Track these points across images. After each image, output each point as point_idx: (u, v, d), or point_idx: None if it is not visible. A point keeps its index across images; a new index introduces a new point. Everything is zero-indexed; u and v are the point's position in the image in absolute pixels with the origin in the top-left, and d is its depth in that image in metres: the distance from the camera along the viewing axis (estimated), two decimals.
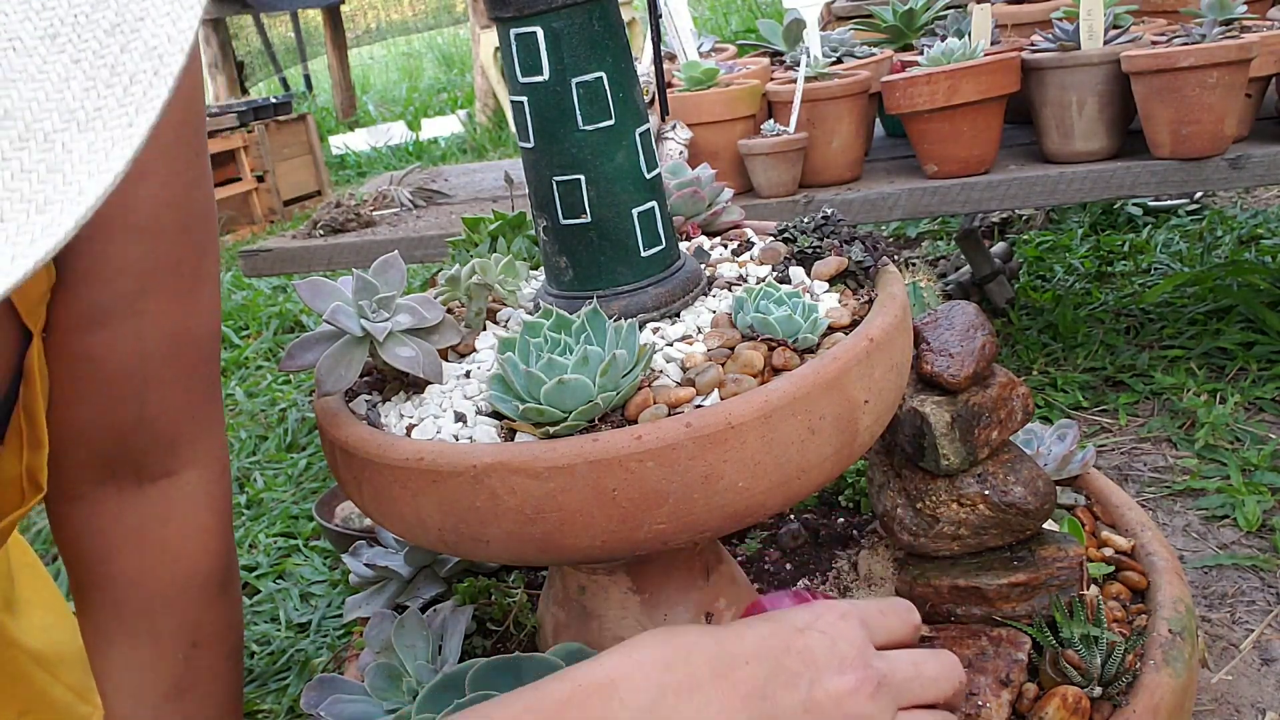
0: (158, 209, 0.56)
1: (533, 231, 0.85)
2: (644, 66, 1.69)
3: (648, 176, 0.73)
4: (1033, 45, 1.76)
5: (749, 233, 0.91)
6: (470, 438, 0.66)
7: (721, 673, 0.55)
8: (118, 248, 0.55)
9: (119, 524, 0.61)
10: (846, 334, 0.70)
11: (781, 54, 2.08)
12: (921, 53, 1.78)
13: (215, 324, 0.61)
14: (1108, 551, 0.91)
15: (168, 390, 0.60)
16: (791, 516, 1.05)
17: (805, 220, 0.84)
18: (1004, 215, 2.74)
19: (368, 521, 1.61)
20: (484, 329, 0.79)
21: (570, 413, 0.63)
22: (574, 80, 0.68)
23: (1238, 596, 1.32)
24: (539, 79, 0.69)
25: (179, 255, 0.58)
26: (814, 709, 0.56)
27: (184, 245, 0.58)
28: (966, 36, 1.85)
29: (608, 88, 0.69)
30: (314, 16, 7.64)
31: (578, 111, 0.69)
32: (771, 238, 0.86)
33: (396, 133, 5.87)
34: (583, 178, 0.70)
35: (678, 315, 0.75)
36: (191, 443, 0.63)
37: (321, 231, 2.02)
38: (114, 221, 0.54)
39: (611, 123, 0.70)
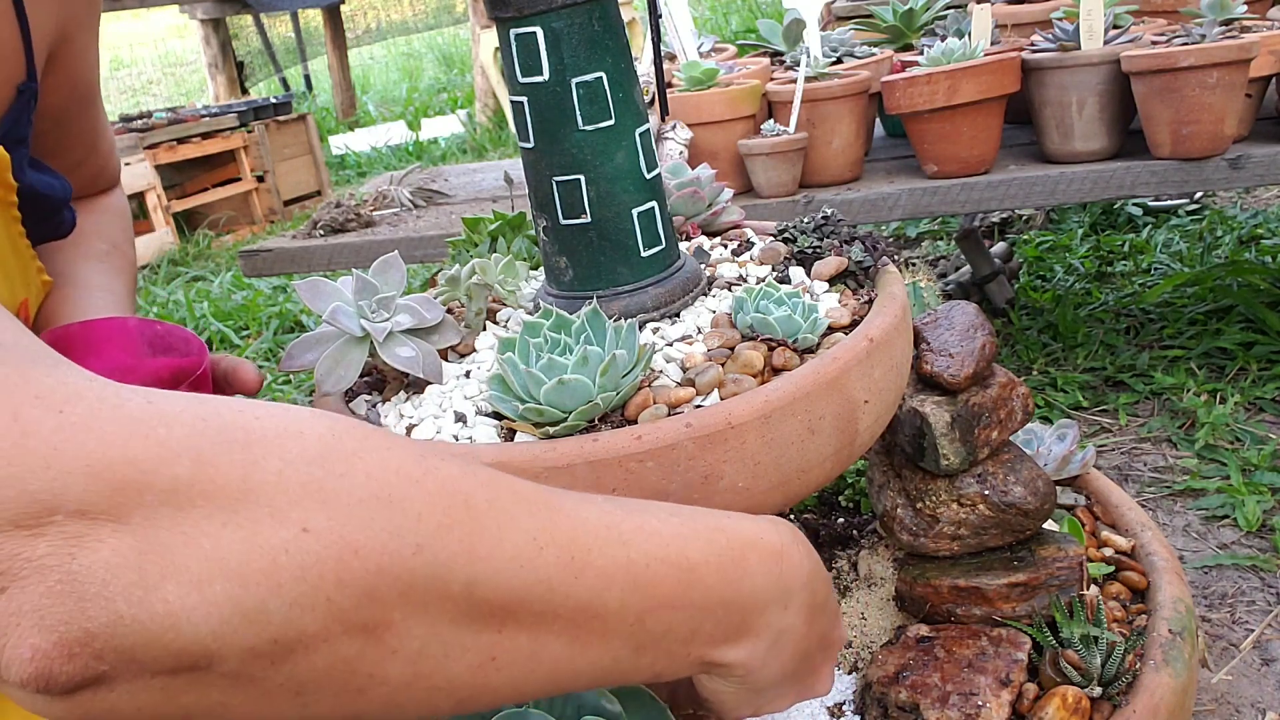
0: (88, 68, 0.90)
1: (533, 231, 0.85)
2: (644, 66, 1.69)
3: (648, 176, 0.73)
4: (1033, 45, 1.76)
5: (749, 233, 0.91)
6: (470, 438, 0.66)
7: None
8: (78, 68, 0.87)
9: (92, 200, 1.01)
10: (846, 334, 0.70)
11: (781, 54, 2.08)
12: (921, 53, 1.78)
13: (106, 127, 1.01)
14: (1108, 551, 0.91)
15: (107, 152, 0.99)
16: (791, 516, 1.05)
17: (805, 220, 0.84)
18: (1004, 215, 2.74)
19: None
20: (484, 329, 0.79)
21: (570, 413, 0.63)
22: (574, 80, 0.68)
23: (1238, 596, 1.32)
24: (539, 79, 0.69)
25: (95, 78, 0.92)
26: None
27: (96, 80, 0.94)
28: (966, 36, 1.85)
29: (608, 88, 0.69)
30: (314, 16, 7.64)
31: (578, 112, 0.69)
32: (771, 238, 0.86)
33: (396, 133, 5.88)
34: (583, 178, 0.70)
35: (678, 315, 0.75)
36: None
37: (321, 231, 2.02)
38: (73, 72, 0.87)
39: (611, 123, 0.70)
